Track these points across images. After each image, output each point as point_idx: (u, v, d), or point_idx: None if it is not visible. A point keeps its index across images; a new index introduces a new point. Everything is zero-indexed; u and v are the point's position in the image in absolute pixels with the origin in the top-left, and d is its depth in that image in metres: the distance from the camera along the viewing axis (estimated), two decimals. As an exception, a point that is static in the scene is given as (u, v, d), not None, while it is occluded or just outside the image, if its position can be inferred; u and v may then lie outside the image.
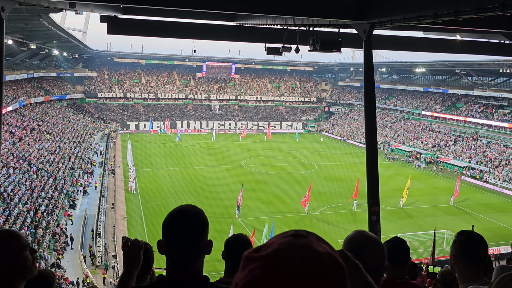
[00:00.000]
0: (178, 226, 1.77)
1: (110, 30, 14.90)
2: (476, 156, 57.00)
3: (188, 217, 1.79)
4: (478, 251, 2.42)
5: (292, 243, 0.84)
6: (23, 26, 36.20)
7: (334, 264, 0.83)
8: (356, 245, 1.83)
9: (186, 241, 1.76)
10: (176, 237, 1.77)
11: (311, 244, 0.85)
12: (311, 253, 0.82)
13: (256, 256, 0.84)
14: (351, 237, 1.88)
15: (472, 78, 69.10)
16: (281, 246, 0.83)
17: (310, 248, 0.84)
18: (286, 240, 0.86)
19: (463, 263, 2.42)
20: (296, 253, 0.82)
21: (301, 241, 0.86)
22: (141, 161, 53.17)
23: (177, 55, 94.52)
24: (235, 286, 0.84)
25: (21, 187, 33.21)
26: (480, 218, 36.85)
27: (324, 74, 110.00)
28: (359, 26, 11.05)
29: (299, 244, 0.84)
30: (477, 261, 2.41)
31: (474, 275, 2.39)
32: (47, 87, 74.37)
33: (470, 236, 2.47)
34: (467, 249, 2.41)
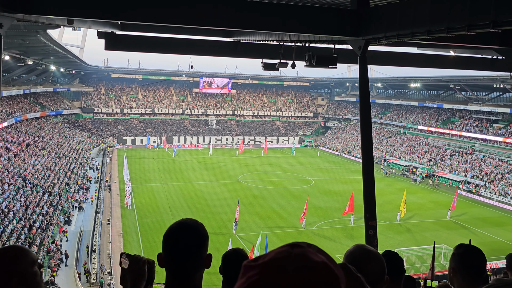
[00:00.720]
0: (178, 239, 1.79)
1: (108, 46, 15.04)
2: (471, 170, 57.19)
3: (188, 230, 1.81)
4: (476, 263, 2.44)
5: (288, 252, 0.87)
6: (20, 42, 36.39)
7: (328, 273, 0.84)
8: (355, 258, 1.85)
9: (185, 254, 1.78)
10: (176, 250, 1.79)
11: (306, 254, 0.87)
12: (306, 262, 0.84)
13: (253, 264, 0.87)
14: (351, 251, 1.91)
15: (467, 93, 69.76)
16: (277, 256, 0.86)
17: (305, 257, 0.86)
18: (283, 249, 0.89)
19: (461, 275, 2.43)
20: (291, 261, 0.84)
21: (297, 250, 0.88)
22: (138, 177, 52.98)
23: (174, 70, 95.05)
24: None
25: (16, 203, 32.95)
26: (477, 232, 36.80)
27: (320, 89, 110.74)
28: (354, 42, 11.20)
29: (295, 253, 0.86)
30: (475, 273, 2.42)
31: None
32: (43, 102, 74.40)
33: (469, 249, 2.50)
34: (466, 262, 2.44)
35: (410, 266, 28.39)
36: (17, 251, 1.91)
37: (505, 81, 54.64)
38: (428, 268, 24.89)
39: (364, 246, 1.93)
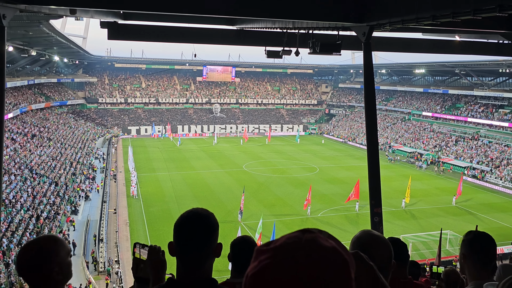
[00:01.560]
0: (188, 228, 1.80)
1: (111, 35, 14.97)
2: (477, 156, 56.96)
3: (199, 220, 1.82)
4: (487, 249, 2.46)
5: (299, 238, 0.90)
6: (23, 33, 36.34)
7: (338, 258, 0.87)
8: (363, 244, 1.87)
9: (195, 243, 1.79)
10: (186, 239, 1.80)
11: (317, 239, 0.90)
12: (316, 247, 0.88)
13: (265, 249, 0.90)
14: (358, 236, 1.93)
15: (472, 78, 69.15)
16: (288, 241, 0.89)
17: (315, 242, 0.89)
18: (295, 235, 0.92)
19: (472, 261, 2.46)
20: (301, 246, 0.87)
21: (308, 235, 0.91)
22: (143, 166, 53.22)
23: (178, 59, 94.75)
24: (245, 276, 0.90)
25: (23, 194, 33.27)
26: (482, 218, 36.80)
27: (324, 76, 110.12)
28: (358, 29, 11.10)
29: (306, 239, 0.90)
30: (486, 259, 2.45)
31: (483, 273, 2.43)
32: (47, 93, 74.57)
33: (479, 235, 2.51)
34: (477, 248, 2.46)
35: (415, 252, 28.49)
36: (57, 242, 2.00)
37: (511, 66, 54.10)
38: (435, 255, 24.99)
39: (370, 232, 1.95)
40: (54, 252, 1.97)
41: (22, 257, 1.98)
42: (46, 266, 1.95)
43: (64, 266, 2.02)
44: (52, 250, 1.98)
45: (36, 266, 1.94)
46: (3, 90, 10.53)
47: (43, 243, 2.01)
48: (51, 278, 1.96)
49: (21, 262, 1.97)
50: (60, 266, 1.99)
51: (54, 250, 1.98)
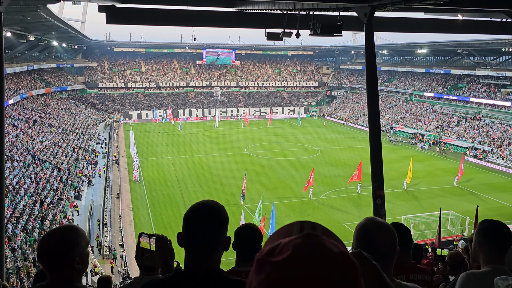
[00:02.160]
0: (198, 219, 1.80)
1: (109, 19, 14.81)
2: (479, 136, 56.85)
3: (209, 211, 1.82)
4: (502, 237, 2.48)
5: (305, 244, 0.86)
6: (21, 18, 36.00)
7: (348, 265, 0.85)
8: (367, 231, 1.89)
9: (204, 235, 1.79)
10: (195, 230, 1.80)
11: (323, 244, 0.87)
12: (325, 255, 0.84)
13: (272, 261, 0.85)
14: (362, 224, 1.94)
15: (474, 58, 68.53)
16: (296, 251, 0.85)
17: (324, 248, 0.86)
18: (299, 242, 0.87)
19: (488, 248, 2.48)
20: (311, 257, 0.84)
21: (314, 241, 0.87)
22: (145, 151, 53.31)
23: (177, 43, 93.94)
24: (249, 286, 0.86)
25: (26, 180, 33.43)
26: (484, 198, 36.92)
27: (325, 58, 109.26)
28: (360, 9, 10.94)
29: (313, 246, 0.86)
30: (501, 247, 2.48)
31: (497, 260, 2.45)
32: (47, 79, 74.27)
33: (493, 223, 2.54)
34: (491, 236, 2.48)
35: (417, 232, 28.68)
36: (79, 232, 2.03)
37: (514, 45, 53.54)
38: (435, 234, 25.15)
39: (375, 219, 1.94)
40: (76, 241, 2.00)
41: (45, 244, 1.99)
42: (69, 255, 1.98)
43: (84, 256, 2.05)
44: (74, 239, 2.01)
45: (60, 254, 1.96)
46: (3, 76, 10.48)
47: (66, 232, 2.04)
48: (72, 267, 2.00)
49: (44, 249, 1.99)
50: (80, 256, 2.02)
51: (76, 240, 2.01)
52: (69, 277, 2.00)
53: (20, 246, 24.63)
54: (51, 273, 2.01)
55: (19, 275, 21.55)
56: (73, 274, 2.01)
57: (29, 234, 26.45)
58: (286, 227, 1.05)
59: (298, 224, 1.04)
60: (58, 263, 1.98)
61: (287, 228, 1.04)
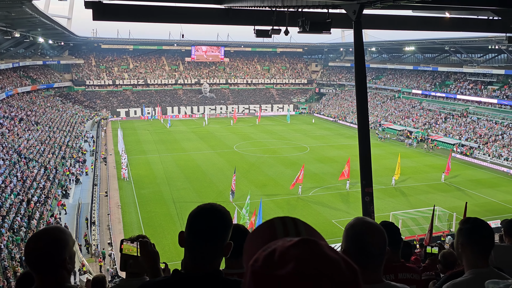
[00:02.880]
0: (204, 217, 1.76)
1: (96, 16, 14.60)
2: (466, 133, 57.54)
3: (215, 212, 1.78)
4: (485, 238, 2.41)
5: (308, 256, 0.82)
6: (5, 14, 35.42)
7: (351, 270, 0.83)
8: (358, 232, 1.87)
9: (208, 234, 1.75)
10: (200, 227, 1.76)
11: (325, 252, 0.84)
12: (330, 265, 0.81)
13: (275, 275, 0.79)
14: (352, 224, 1.91)
15: (461, 55, 69.26)
16: (300, 263, 0.80)
17: (327, 258, 0.83)
18: (301, 252, 0.83)
19: (471, 250, 2.41)
20: (317, 269, 0.80)
21: (315, 249, 0.84)
22: (133, 148, 52.93)
23: (165, 39, 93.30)
24: None
25: (12, 178, 32.95)
26: (471, 194, 37.39)
27: (314, 55, 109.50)
28: (349, 7, 10.95)
29: (316, 256, 0.83)
30: (484, 248, 2.41)
31: (481, 262, 2.39)
32: (33, 76, 73.22)
33: (476, 223, 2.46)
34: (474, 236, 2.40)
35: (405, 228, 28.94)
36: (66, 232, 2.02)
37: (500, 42, 54.14)
38: (424, 231, 25.40)
39: (364, 219, 1.93)
40: (65, 241, 1.99)
41: (34, 246, 1.96)
42: (59, 255, 1.96)
43: (72, 255, 2.04)
44: (63, 239, 1.99)
45: (50, 255, 1.94)
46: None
47: (54, 232, 2.01)
48: (64, 267, 1.98)
49: (33, 251, 1.95)
50: (70, 256, 2.01)
51: (65, 240, 1.99)
52: (61, 278, 1.98)
53: (6, 245, 24.28)
54: (42, 275, 1.97)
55: (6, 275, 21.26)
56: (64, 275, 1.99)
57: (15, 233, 26.09)
58: (267, 226, 1.01)
59: (279, 222, 1.01)
60: (49, 265, 1.95)
61: (268, 226, 1.00)
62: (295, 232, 0.99)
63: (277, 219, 1.02)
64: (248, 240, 1.02)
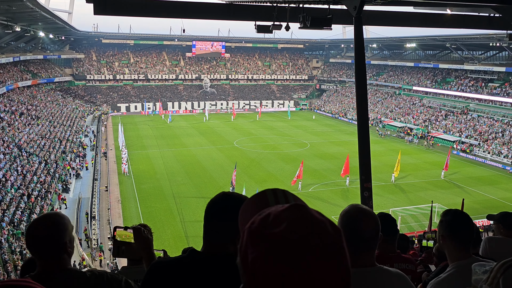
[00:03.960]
0: (231, 199, 1.75)
1: (97, 10, 14.58)
2: (466, 130, 57.54)
3: (237, 202, 1.75)
4: (465, 229, 2.44)
5: (298, 217, 0.91)
6: (6, 8, 35.36)
7: (335, 230, 0.93)
8: (351, 217, 1.94)
9: (228, 221, 1.71)
10: (227, 207, 1.72)
11: (312, 214, 0.93)
12: (316, 224, 0.90)
13: (269, 233, 0.88)
14: (346, 210, 2.00)
15: (463, 53, 69.14)
16: (291, 223, 0.89)
17: (314, 218, 0.92)
18: (291, 213, 0.92)
19: (451, 242, 2.44)
20: (306, 228, 0.89)
21: (304, 212, 0.93)
22: (133, 143, 52.99)
23: (166, 35, 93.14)
24: (252, 261, 0.87)
25: (13, 172, 33.03)
26: (470, 191, 37.47)
27: (315, 51, 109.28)
28: (349, 3, 10.96)
29: (305, 217, 0.91)
30: (464, 239, 2.44)
31: (462, 253, 2.42)
32: (34, 70, 73.16)
33: (456, 215, 2.48)
34: (454, 228, 2.43)
35: (404, 225, 29.05)
36: (65, 217, 2.09)
37: (501, 40, 54.08)
38: (423, 227, 25.49)
39: (358, 206, 2.01)
40: (64, 226, 2.05)
41: (35, 231, 2.01)
42: (61, 238, 2.02)
43: (72, 239, 2.10)
44: (62, 223, 2.05)
45: (52, 239, 2.00)
46: (-12, 67, 10.31)
47: (53, 217, 2.08)
48: (65, 250, 2.04)
49: (35, 236, 2.01)
50: (70, 239, 2.07)
51: (64, 224, 2.05)
52: (63, 261, 2.04)
53: (7, 239, 24.40)
54: (44, 259, 2.03)
55: (6, 268, 21.37)
56: (65, 258, 2.06)
57: (16, 227, 26.20)
58: (259, 196, 1.12)
59: (270, 193, 1.12)
60: (51, 249, 2.00)
61: (261, 196, 1.11)
62: (285, 201, 1.09)
63: (269, 190, 1.14)
64: (243, 208, 1.12)
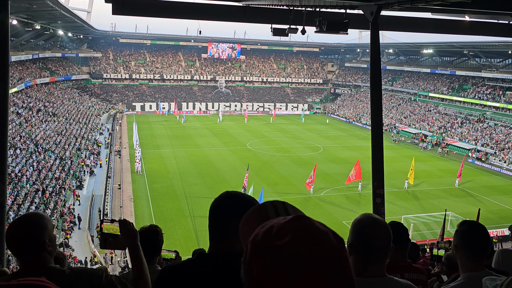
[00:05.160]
0: (238, 199, 1.78)
1: (115, 10, 14.77)
2: (482, 138, 56.70)
3: (241, 200, 1.78)
4: (479, 241, 2.40)
5: (302, 229, 0.91)
6: (27, 6, 36.01)
7: (338, 240, 0.93)
8: (363, 226, 1.95)
9: (239, 209, 1.70)
10: (232, 204, 1.76)
11: (316, 225, 0.94)
12: (320, 236, 0.91)
13: (274, 245, 0.88)
14: (358, 219, 2.00)
15: (480, 60, 68.19)
16: (295, 235, 0.90)
17: (317, 230, 0.92)
18: (294, 225, 0.92)
19: (464, 253, 2.41)
20: (311, 240, 0.89)
21: (307, 223, 0.94)
22: (147, 142, 53.41)
23: (183, 35, 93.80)
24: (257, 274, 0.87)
25: (28, 168, 33.58)
26: (484, 200, 36.88)
27: (331, 55, 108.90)
28: (366, 8, 10.92)
29: (308, 229, 0.92)
30: (478, 251, 2.40)
31: (475, 265, 2.39)
32: (52, 67, 74.33)
33: (472, 226, 2.45)
34: (469, 239, 2.40)
35: (416, 232, 28.74)
36: (44, 216, 2.15)
37: (521, 48, 53.29)
38: (436, 235, 25.17)
39: (371, 215, 2.00)
40: (43, 225, 2.11)
41: (15, 229, 2.07)
42: (40, 237, 2.07)
43: (52, 238, 2.16)
44: (42, 222, 2.11)
45: (32, 237, 2.06)
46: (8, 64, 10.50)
47: (32, 217, 2.14)
48: (45, 249, 2.10)
49: (15, 234, 2.07)
50: (50, 239, 2.12)
51: (43, 223, 2.11)
52: (43, 260, 2.10)
53: None
54: (25, 257, 2.10)
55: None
56: (46, 256, 2.11)
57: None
58: (259, 209, 1.12)
59: (270, 206, 1.13)
60: (31, 248, 2.06)
61: (260, 210, 1.11)
62: (285, 213, 1.10)
63: (268, 203, 1.15)
64: (243, 221, 1.12)
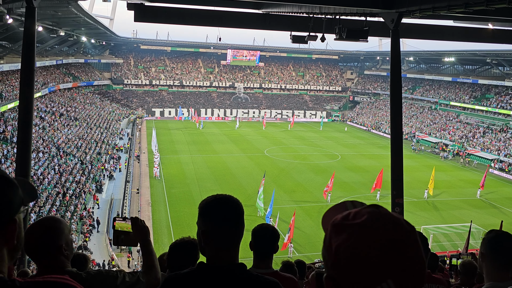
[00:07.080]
0: (222, 202, 1.79)
1: (137, 17, 15.07)
2: (505, 148, 55.43)
3: (231, 201, 1.81)
4: (507, 249, 2.34)
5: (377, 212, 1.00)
6: (52, 13, 36.90)
7: (410, 226, 1.00)
8: None
9: (228, 218, 1.77)
10: (220, 212, 1.77)
11: (389, 212, 1.02)
12: (393, 219, 0.99)
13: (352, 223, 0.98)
14: None
15: (504, 68, 66.83)
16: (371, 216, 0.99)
17: (391, 215, 1.00)
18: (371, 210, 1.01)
19: (491, 261, 2.36)
20: (385, 220, 0.98)
21: (382, 209, 1.02)
22: (166, 148, 53.90)
23: (202, 42, 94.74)
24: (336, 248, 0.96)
25: (50, 171, 34.25)
26: (507, 212, 35.96)
27: (350, 62, 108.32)
28: (387, 15, 10.86)
29: (383, 213, 1.00)
30: (505, 259, 2.34)
31: (501, 274, 2.33)
32: (75, 73, 75.91)
33: (499, 234, 2.40)
34: (495, 248, 2.35)
35: (436, 243, 28.18)
36: (61, 220, 2.19)
37: (546, 56, 52.06)
38: (456, 247, 24.68)
39: None
40: (59, 229, 2.14)
41: (32, 234, 2.10)
42: (57, 241, 2.11)
43: (69, 242, 2.20)
44: (58, 227, 2.14)
45: (48, 241, 2.10)
46: (33, 69, 10.79)
47: (49, 221, 2.18)
48: (61, 253, 2.13)
49: (31, 239, 2.09)
50: (66, 242, 2.16)
51: (59, 228, 2.14)
52: (60, 263, 2.13)
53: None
54: (42, 261, 2.13)
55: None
56: (62, 260, 2.14)
57: (50, 224, 27.05)
58: (339, 205, 1.22)
59: (349, 203, 1.22)
60: (47, 252, 2.09)
61: (340, 206, 1.20)
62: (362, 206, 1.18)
63: (348, 201, 1.24)
64: (325, 216, 1.20)
